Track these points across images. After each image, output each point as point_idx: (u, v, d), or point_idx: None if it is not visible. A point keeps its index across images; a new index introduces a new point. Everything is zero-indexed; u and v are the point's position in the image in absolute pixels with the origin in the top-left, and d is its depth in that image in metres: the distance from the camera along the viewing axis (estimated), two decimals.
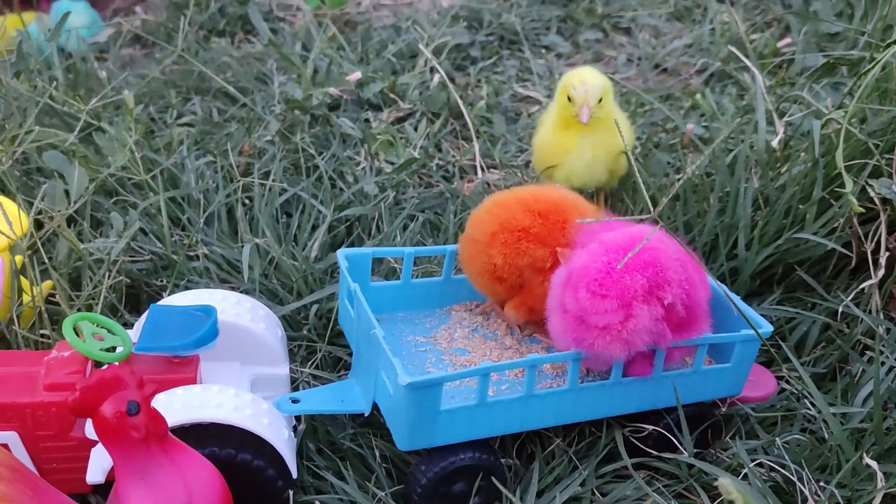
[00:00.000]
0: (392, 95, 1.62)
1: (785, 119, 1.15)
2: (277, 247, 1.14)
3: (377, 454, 0.89)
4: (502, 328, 0.99)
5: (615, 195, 1.30)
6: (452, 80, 1.80)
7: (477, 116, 1.63)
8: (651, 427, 0.91)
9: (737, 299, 0.95)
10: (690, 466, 0.90)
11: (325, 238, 1.20)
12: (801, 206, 1.10)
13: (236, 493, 0.78)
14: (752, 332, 0.89)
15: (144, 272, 1.09)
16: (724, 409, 0.99)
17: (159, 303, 0.90)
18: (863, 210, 1.00)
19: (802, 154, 1.15)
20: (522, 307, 0.94)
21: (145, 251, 1.09)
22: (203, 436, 0.76)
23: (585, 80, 1.15)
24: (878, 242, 1.07)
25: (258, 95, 1.62)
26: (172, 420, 0.74)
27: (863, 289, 1.04)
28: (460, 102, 1.53)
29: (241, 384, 0.89)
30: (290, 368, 0.96)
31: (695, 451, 0.93)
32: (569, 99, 1.14)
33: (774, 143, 1.12)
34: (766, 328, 0.90)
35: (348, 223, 1.28)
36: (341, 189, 1.32)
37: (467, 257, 0.94)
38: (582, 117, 1.13)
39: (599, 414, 0.88)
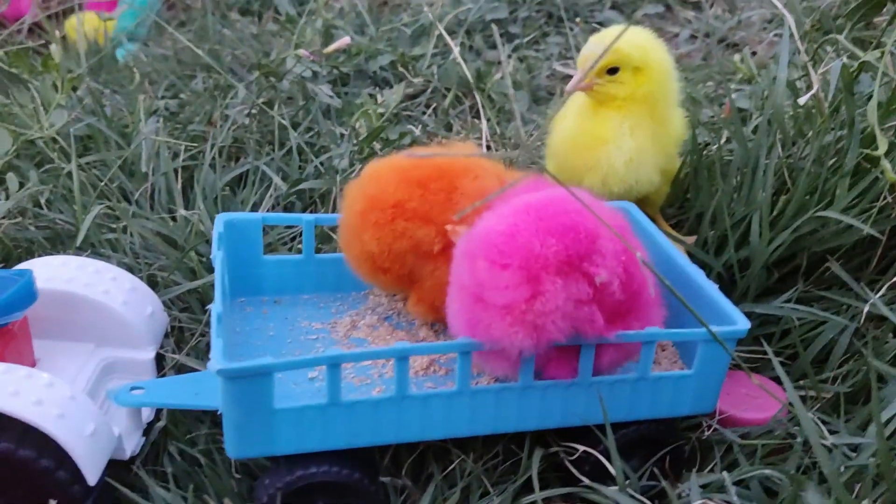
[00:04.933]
0: (402, 70, 1.46)
1: (821, 71, 0.91)
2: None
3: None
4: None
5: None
6: (479, 55, 1.63)
7: (498, 94, 1.45)
8: (582, 448, 0.70)
9: (712, 287, 0.73)
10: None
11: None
12: (829, 180, 0.86)
13: (24, 495, 0.63)
14: (722, 329, 0.67)
15: (49, 241, 0.97)
16: (707, 433, 0.77)
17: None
18: None
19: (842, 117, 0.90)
20: (422, 304, 0.75)
21: (48, 218, 0.98)
22: None
23: (603, 39, 0.85)
24: None
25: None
26: None
27: None
28: (469, 77, 1.35)
29: (84, 368, 0.74)
30: (170, 356, 0.81)
31: (646, 484, 0.72)
32: None
33: (802, 101, 0.88)
34: (741, 326, 0.68)
35: (311, 200, 1.13)
36: (310, 162, 1.17)
37: (345, 244, 0.76)
38: (568, 84, 0.85)
39: (507, 427, 0.68)
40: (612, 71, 0.86)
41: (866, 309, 0.79)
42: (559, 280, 0.62)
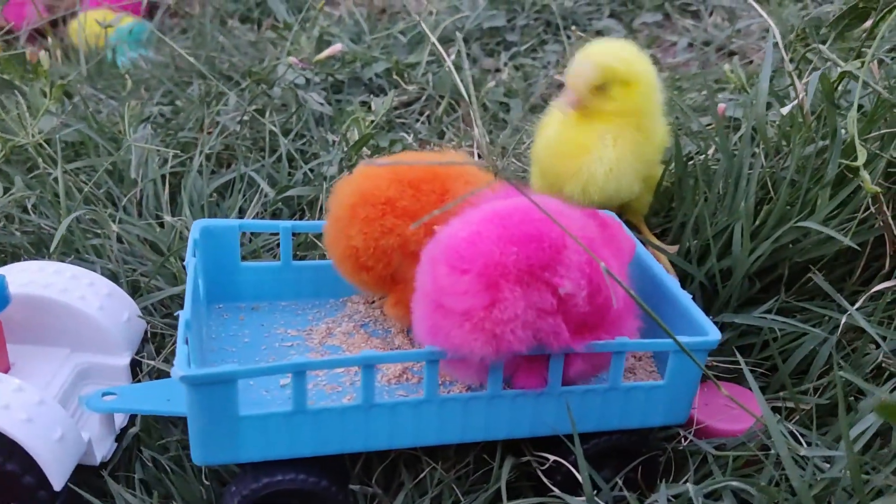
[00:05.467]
0: (396, 77, 1.47)
1: (805, 80, 0.90)
2: None
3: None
4: (398, 325, 0.80)
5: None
6: (475, 62, 1.63)
7: (493, 102, 1.45)
8: (553, 458, 0.70)
9: (685, 297, 0.73)
10: None
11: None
12: (811, 190, 0.85)
13: None
14: (691, 339, 0.67)
15: (34, 246, 0.98)
16: (683, 444, 0.77)
17: None
18: (878, 189, 0.75)
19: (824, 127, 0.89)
20: (400, 306, 0.75)
21: (33, 223, 0.98)
22: None
23: (591, 56, 0.85)
24: None
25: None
26: None
27: (878, 294, 0.79)
28: (460, 85, 1.35)
29: (58, 373, 0.75)
30: (147, 362, 0.81)
31: (619, 494, 0.71)
32: None
33: (785, 111, 0.88)
34: (711, 337, 0.67)
35: (299, 206, 1.13)
36: (300, 169, 1.18)
37: (330, 240, 0.76)
38: (562, 105, 0.86)
39: (476, 436, 0.68)
40: (602, 87, 0.85)
41: (843, 320, 0.78)
42: (518, 289, 0.61)
